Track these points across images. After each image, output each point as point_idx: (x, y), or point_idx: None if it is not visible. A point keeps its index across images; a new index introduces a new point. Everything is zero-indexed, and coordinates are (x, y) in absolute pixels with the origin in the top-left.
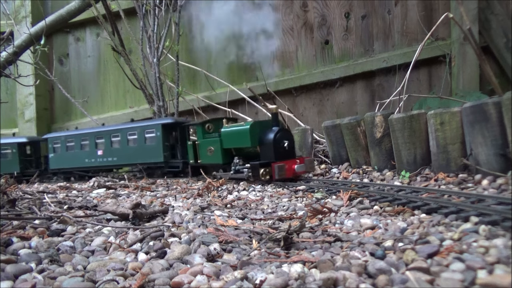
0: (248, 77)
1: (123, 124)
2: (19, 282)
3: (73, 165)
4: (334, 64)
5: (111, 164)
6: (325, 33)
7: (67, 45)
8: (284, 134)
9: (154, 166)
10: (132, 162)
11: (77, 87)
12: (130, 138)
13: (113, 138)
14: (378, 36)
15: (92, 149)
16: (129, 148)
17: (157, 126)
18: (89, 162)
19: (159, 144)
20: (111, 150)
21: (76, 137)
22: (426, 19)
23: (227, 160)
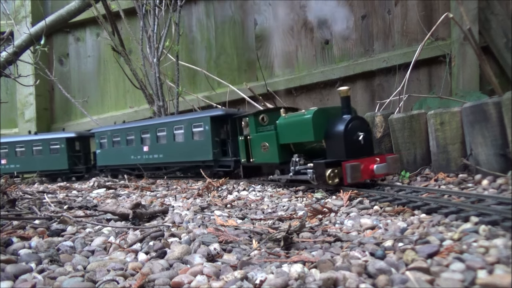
0: (248, 77)
1: (170, 116)
2: (19, 282)
3: (119, 161)
4: (334, 64)
5: (157, 162)
6: (325, 33)
7: (67, 45)
8: (359, 124)
9: (203, 165)
10: (179, 160)
11: (77, 87)
12: (177, 133)
13: (159, 132)
14: (378, 36)
15: (137, 144)
16: (176, 145)
17: (205, 119)
18: (135, 159)
19: (208, 139)
20: (157, 146)
21: (122, 132)
22: (426, 19)
23: (285, 158)
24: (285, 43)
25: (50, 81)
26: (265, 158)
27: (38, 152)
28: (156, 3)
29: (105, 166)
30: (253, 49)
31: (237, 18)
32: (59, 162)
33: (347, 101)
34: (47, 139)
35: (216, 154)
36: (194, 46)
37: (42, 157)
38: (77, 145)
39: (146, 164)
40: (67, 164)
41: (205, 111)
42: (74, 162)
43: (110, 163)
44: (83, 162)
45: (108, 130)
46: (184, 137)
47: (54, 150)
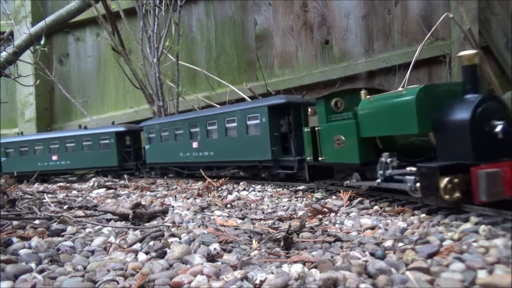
0: (248, 76)
1: (222, 107)
2: (19, 282)
3: (169, 159)
4: (334, 64)
5: (208, 161)
6: (325, 33)
7: (67, 45)
8: (495, 108)
9: (260, 165)
10: (232, 159)
11: (77, 87)
12: (229, 127)
13: (210, 126)
14: (378, 36)
15: (186, 140)
16: (228, 141)
17: (261, 109)
18: (184, 156)
19: (265, 134)
20: (207, 142)
21: (170, 125)
22: (426, 19)
23: (368, 157)
24: (285, 43)
25: (50, 81)
26: (339, 156)
27: (88, 148)
28: (156, 3)
29: (154, 164)
30: (253, 49)
31: (237, 18)
32: (108, 158)
33: (473, 73)
34: (97, 133)
35: (275, 153)
36: (194, 46)
37: (92, 153)
38: (127, 139)
39: (195, 163)
40: (117, 160)
41: (262, 100)
42: (124, 158)
43: (159, 160)
44: (134, 158)
45: (157, 123)
46: (238, 132)
47: (104, 145)
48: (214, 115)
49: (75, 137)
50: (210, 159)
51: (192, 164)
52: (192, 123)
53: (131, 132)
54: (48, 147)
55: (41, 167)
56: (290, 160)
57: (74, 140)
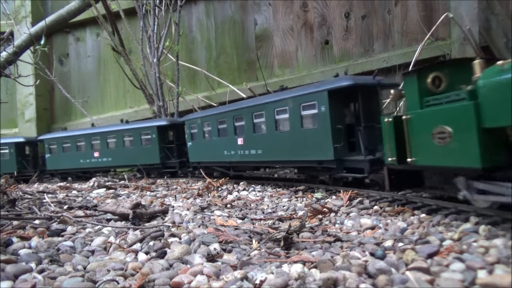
0: (248, 76)
1: (270, 95)
2: (19, 282)
3: (211, 158)
4: (334, 64)
5: (255, 160)
6: (325, 33)
7: (67, 45)
8: None
9: (319, 167)
10: (283, 159)
11: (77, 87)
12: (280, 118)
13: (257, 118)
14: (378, 36)
15: (230, 136)
16: (279, 136)
17: (320, 95)
18: (228, 155)
19: (325, 127)
20: (254, 138)
21: (213, 119)
22: (426, 19)
23: (497, 159)
24: (285, 43)
25: (50, 81)
26: (443, 157)
27: (129, 143)
28: (156, 3)
29: (198, 163)
30: (253, 49)
31: (237, 18)
32: (150, 155)
33: None
34: (138, 128)
35: (339, 151)
36: (194, 46)
37: (134, 149)
38: (170, 134)
39: (241, 163)
40: (159, 157)
41: (321, 82)
42: (166, 155)
43: (202, 159)
44: (177, 155)
45: (198, 117)
46: (290, 125)
47: (146, 141)
48: (261, 105)
49: (116, 132)
50: (258, 158)
51: (237, 164)
52: (237, 116)
53: (174, 126)
54: (90, 143)
55: (83, 165)
56: (359, 160)
57: (115, 135)
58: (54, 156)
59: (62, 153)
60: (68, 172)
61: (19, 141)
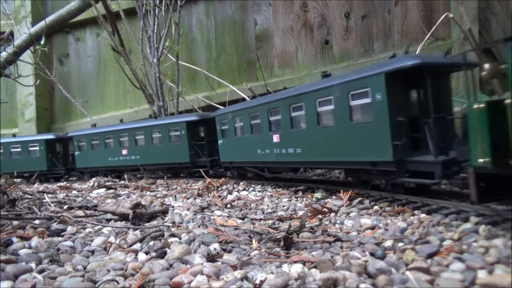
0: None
1: (311, 84)
2: (19, 282)
3: (244, 157)
4: (334, 64)
5: (294, 160)
6: (325, 33)
7: (67, 45)
8: None
9: (373, 169)
10: (327, 159)
11: (77, 87)
12: (322, 111)
13: (295, 112)
14: (378, 36)
15: (264, 132)
16: (322, 132)
17: (374, 80)
18: (262, 154)
19: (382, 120)
20: (292, 134)
21: (245, 113)
22: (426, 19)
23: None
24: (285, 43)
25: (50, 81)
26: None
27: (157, 140)
28: (156, 3)
29: (229, 163)
30: (253, 49)
31: (237, 18)
32: (179, 153)
33: None
34: (166, 123)
35: (399, 150)
36: (194, 46)
37: (162, 147)
38: (200, 130)
39: (277, 163)
40: (189, 156)
41: (375, 65)
42: (197, 153)
43: (234, 159)
44: (208, 153)
45: (229, 112)
46: (336, 118)
47: (174, 138)
48: (300, 95)
49: (144, 128)
50: (297, 158)
51: (273, 164)
52: (272, 109)
53: (204, 122)
54: (118, 139)
55: (111, 163)
56: (427, 161)
57: (143, 131)
58: (83, 154)
59: (90, 150)
60: (97, 170)
61: (49, 138)
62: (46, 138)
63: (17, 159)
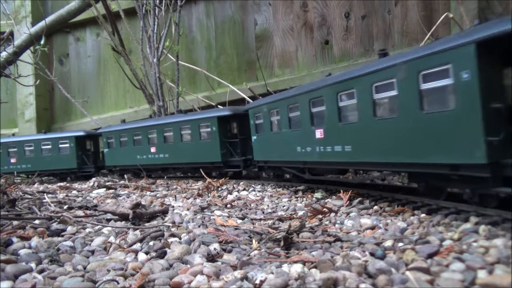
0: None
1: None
2: (19, 282)
3: (281, 156)
4: (334, 64)
5: (342, 161)
6: (325, 33)
7: (67, 45)
8: None
9: (453, 175)
10: (387, 160)
11: (77, 87)
12: (380, 98)
13: (343, 101)
14: (378, 36)
15: (305, 127)
16: (380, 125)
17: (457, 54)
18: (302, 153)
19: (470, 109)
20: (339, 129)
21: (282, 105)
22: (426, 19)
23: None
24: (285, 43)
25: (50, 81)
26: None
27: (187, 138)
28: (156, 3)
29: (264, 162)
30: (253, 49)
31: (237, 18)
32: (210, 152)
33: None
34: (196, 119)
35: (496, 149)
36: (194, 46)
37: (192, 145)
38: (233, 127)
39: (320, 164)
40: (220, 154)
41: (458, 35)
42: (229, 152)
43: (269, 158)
44: (241, 151)
45: (264, 103)
46: (400, 106)
47: (205, 135)
48: (351, 80)
49: (173, 125)
50: (346, 158)
51: (315, 165)
52: (314, 98)
53: (238, 117)
54: (146, 136)
55: (140, 161)
56: None
57: (172, 128)
58: (112, 151)
59: (119, 147)
60: (126, 168)
61: (79, 135)
62: (76, 135)
63: (47, 157)
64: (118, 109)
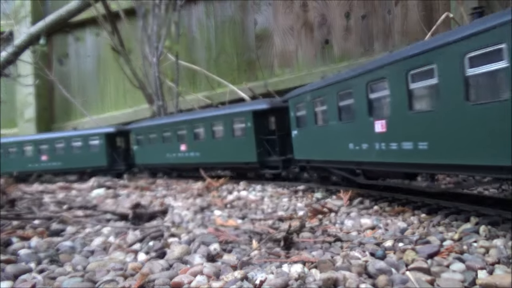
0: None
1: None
2: (19, 282)
3: (328, 155)
4: (334, 63)
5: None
6: (325, 33)
7: (67, 45)
8: None
9: None
10: (475, 163)
11: (77, 87)
12: (473, 76)
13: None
14: (378, 36)
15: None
16: (472, 115)
17: None
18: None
19: None
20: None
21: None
22: (426, 19)
23: None
24: (285, 43)
25: (49, 81)
26: None
27: (220, 134)
28: (156, 3)
29: (306, 161)
30: (253, 49)
31: (237, 18)
32: (245, 151)
33: None
34: (229, 114)
35: None
36: (194, 46)
37: (224, 143)
38: (271, 122)
39: (380, 165)
40: (256, 154)
41: None
42: (266, 151)
43: (312, 156)
44: (280, 150)
45: (308, 91)
46: None
47: (238, 131)
48: (430, 51)
49: (204, 120)
50: (419, 159)
51: (372, 166)
52: (373, 81)
53: (276, 111)
54: (176, 133)
55: (170, 159)
56: None
57: (203, 123)
58: (142, 149)
59: (148, 145)
60: (155, 167)
61: (110, 131)
62: (107, 132)
63: (78, 154)
64: (118, 109)
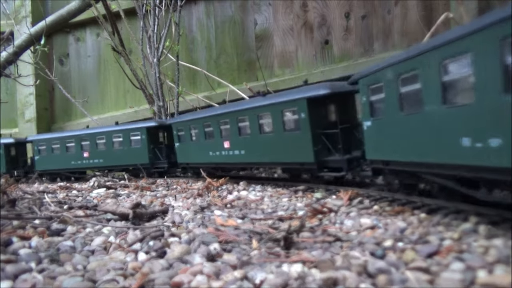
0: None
1: None
2: (19, 282)
3: (420, 155)
4: (334, 64)
5: None
6: (325, 33)
7: (67, 45)
8: None
9: None
10: None
11: (77, 87)
12: None
13: None
14: (378, 36)
15: (484, 95)
16: None
17: None
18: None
19: None
20: None
21: (421, 62)
22: (426, 19)
23: None
24: (285, 43)
25: (50, 81)
26: None
27: (266, 129)
28: (156, 3)
29: (383, 162)
30: (253, 49)
31: (237, 18)
32: (298, 148)
33: None
34: (278, 103)
35: None
36: (194, 46)
37: (273, 138)
38: (330, 112)
39: None
40: (313, 152)
41: None
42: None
43: (393, 156)
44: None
45: (387, 66)
46: None
47: (289, 125)
48: None
49: (249, 112)
50: None
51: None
52: (447, 57)
53: (337, 97)
54: (218, 128)
55: (212, 158)
56: None
57: (247, 116)
58: (183, 146)
59: (190, 141)
60: (198, 166)
61: (151, 125)
62: (148, 126)
63: (119, 150)
64: (118, 109)
